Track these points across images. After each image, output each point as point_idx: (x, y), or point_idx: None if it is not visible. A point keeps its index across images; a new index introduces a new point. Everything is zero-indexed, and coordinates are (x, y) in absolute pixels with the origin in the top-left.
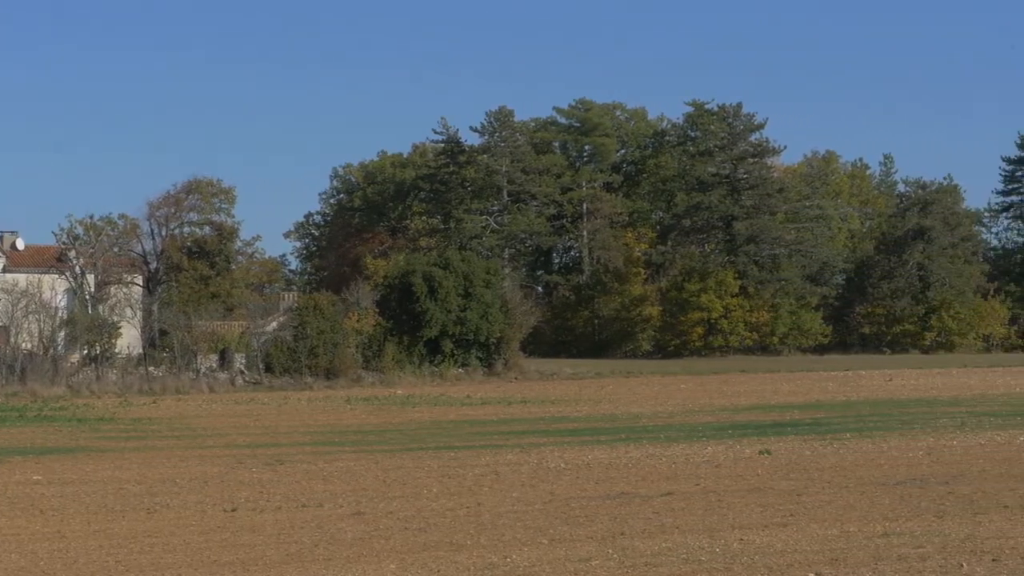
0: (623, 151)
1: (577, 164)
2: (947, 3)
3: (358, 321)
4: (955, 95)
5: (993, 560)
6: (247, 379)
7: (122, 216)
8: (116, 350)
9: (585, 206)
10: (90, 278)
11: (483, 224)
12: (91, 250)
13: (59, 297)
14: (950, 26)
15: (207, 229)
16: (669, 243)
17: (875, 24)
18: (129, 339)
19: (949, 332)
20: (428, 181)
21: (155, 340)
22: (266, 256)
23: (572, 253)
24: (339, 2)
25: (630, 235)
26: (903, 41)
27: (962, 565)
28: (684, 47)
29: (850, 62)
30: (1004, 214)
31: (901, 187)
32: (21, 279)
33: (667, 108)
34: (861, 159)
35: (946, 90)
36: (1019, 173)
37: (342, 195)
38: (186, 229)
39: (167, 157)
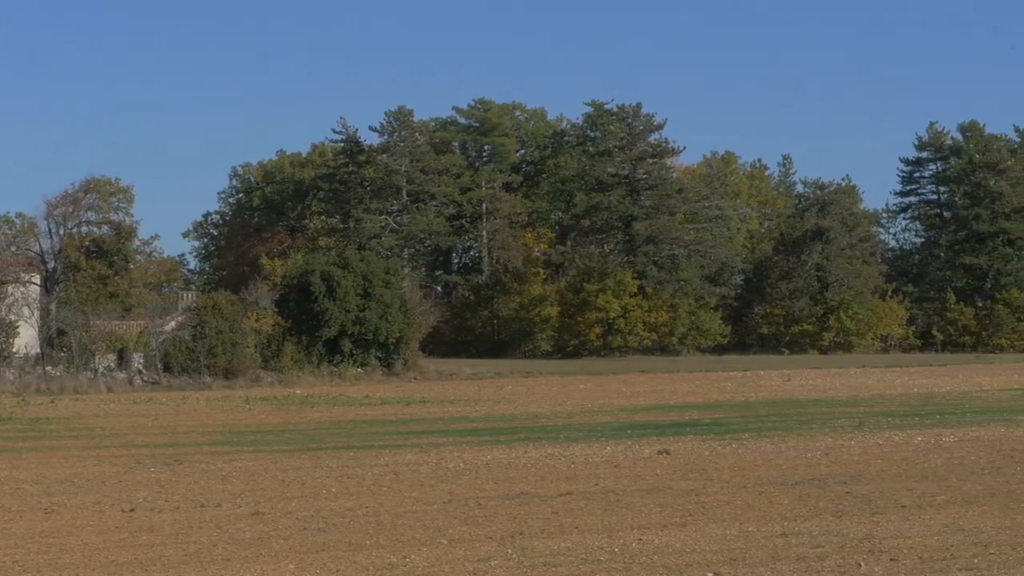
0: (523, 151)
1: (477, 164)
2: (845, 5)
3: (257, 321)
4: (854, 96)
5: (891, 560)
6: (145, 379)
7: (19, 215)
8: (13, 349)
9: (485, 206)
10: None
11: (382, 224)
12: None
13: None
14: (847, 27)
15: (105, 228)
16: (568, 243)
17: (774, 25)
18: (27, 339)
19: (847, 332)
20: (327, 181)
21: (53, 340)
22: (165, 255)
23: (471, 253)
24: (240, 1)
25: (529, 235)
26: (802, 42)
27: (860, 565)
28: (584, 47)
29: (749, 63)
30: (902, 215)
31: (800, 188)
32: None
33: (567, 108)
34: (760, 160)
35: (845, 91)
36: (917, 174)
37: (241, 194)
38: (84, 228)
39: (65, 156)
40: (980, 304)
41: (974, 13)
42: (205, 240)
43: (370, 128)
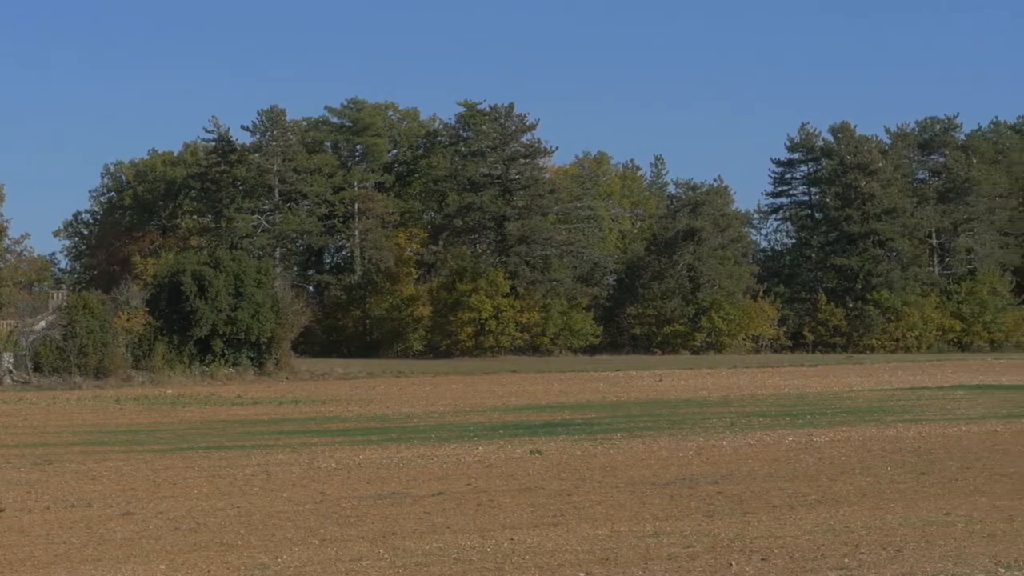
0: (395, 151)
1: (349, 164)
2: (717, 6)
3: (128, 320)
4: (726, 98)
5: (762, 559)
6: (15, 378)
7: None
8: None
9: (357, 206)
10: None
11: (254, 223)
12: None
13: None
14: (720, 28)
15: None
16: (440, 243)
17: (646, 25)
18: None
19: (719, 333)
20: (199, 180)
21: None
22: (35, 254)
23: (344, 253)
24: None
25: (402, 235)
26: (674, 43)
27: (731, 564)
28: (457, 47)
29: (621, 64)
30: (773, 216)
31: (672, 188)
32: None
33: (439, 108)
34: (632, 161)
35: (717, 93)
36: (788, 175)
37: (112, 193)
38: None
39: None
40: (851, 305)
41: (845, 15)
42: (76, 239)
43: (242, 127)
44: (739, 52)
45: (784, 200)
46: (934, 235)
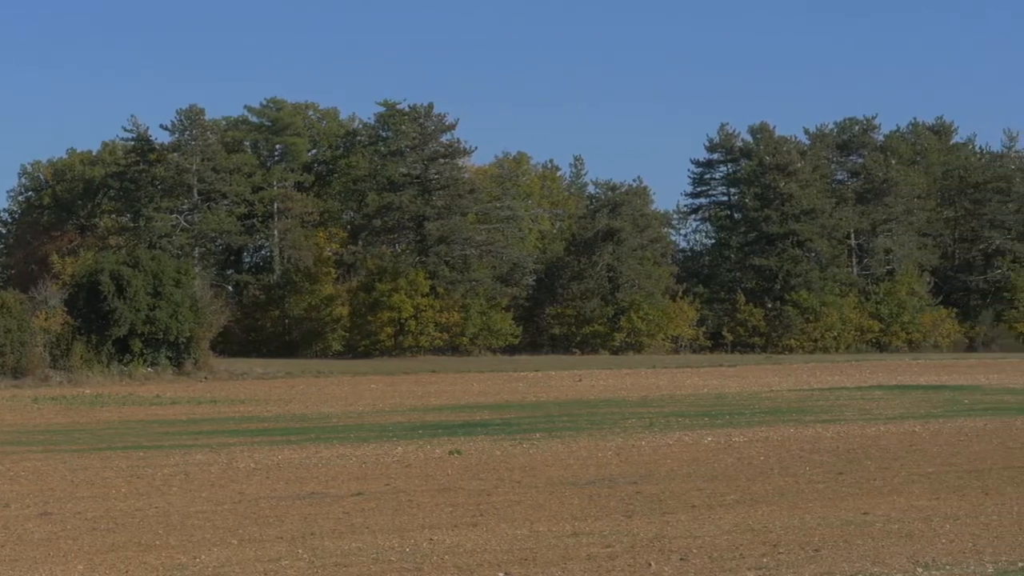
0: (315, 151)
1: (268, 163)
2: (635, 5)
3: (46, 320)
4: (645, 98)
5: (681, 559)
6: None
7: None
8: None
9: (276, 205)
10: None
11: (173, 223)
12: None
13: None
14: (639, 27)
15: None
16: (360, 243)
17: (566, 25)
18: None
19: (638, 333)
20: (118, 179)
21: None
22: None
23: (263, 252)
24: None
25: (321, 235)
26: (594, 43)
27: (650, 564)
28: (376, 47)
29: (540, 64)
30: (692, 216)
31: (591, 189)
32: None
33: (359, 108)
34: (552, 161)
35: (636, 93)
36: (707, 175)
37: (30, 193)
38: None
39: None
40: (769, 305)
41: (763, 15)
42: None
43: (161, 127)
44: (658, 52)
45: (703, 201)
46: (853, 236)
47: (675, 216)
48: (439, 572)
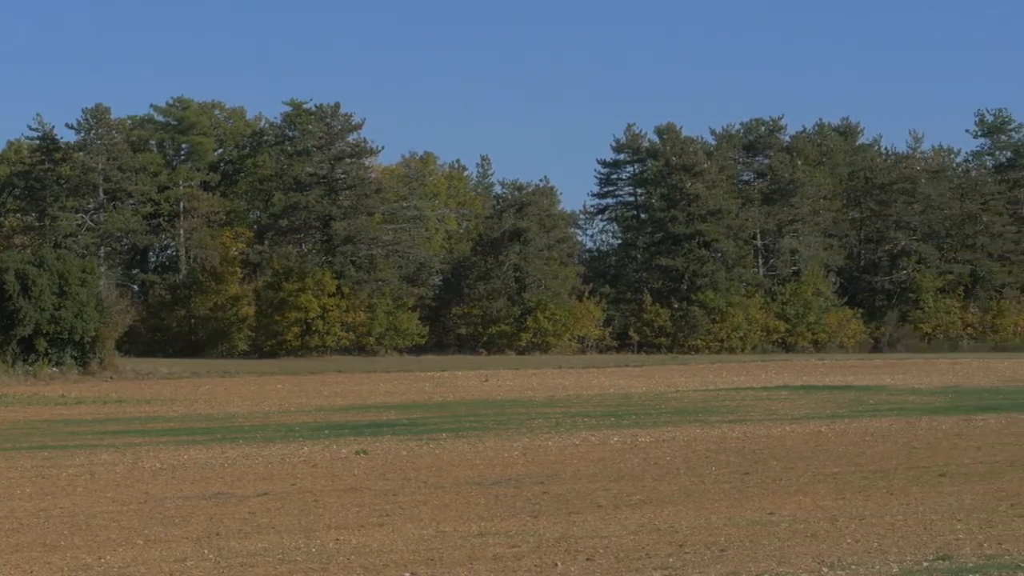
0: (221, 150)
1: (174, 163)
2: (541, 5)
3: None
4: (552, 98)
5: (587, 559)
6: None
7: None
8: None
9: (182, 205)
10: None
11: (79, 222)
12: None
13: None
14: (546, 27)
15: None
16: (266, 243)
17: (473, 25)
18: None
19: (545, 333)
20: (22, 178)
21: None
22: None
23: (169, 252)
24: None
25: (227, 234)
26: (501, 43)
27: (556, 564)
28: (283, 46)
29: (447, 64)
30: (599, 216)
31: (498, 189)
32: None
33: (265, 107)
34: (458, 161)
35: (542, 93)
36: (614, 176)
37: None
38: None
39: None
40: (676, 305)
41: (669, 15)
42: None
43: (67, 125)
44: (566, 52)
45: (610, 201)
46: (759, 236)
47: (582, 216)
48: (345, 572)
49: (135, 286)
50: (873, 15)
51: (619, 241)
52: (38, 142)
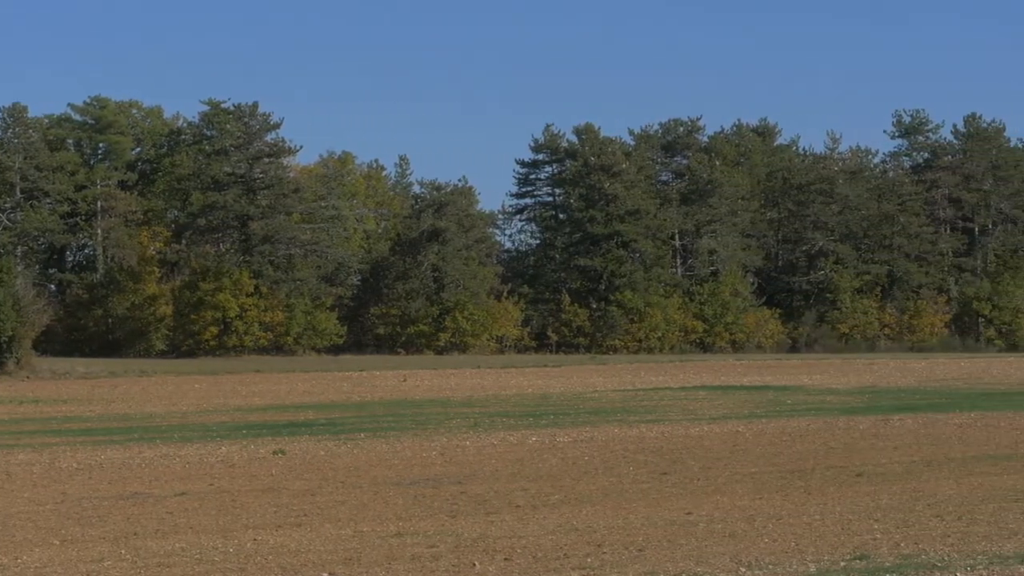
0: (139, 149)
1: (92, 162)
2: (461, 5)
3: None
4: (470, 97)
5: (505, 559)
6: None
7: None
8: None
9: (100, 204)
10: None
11: None
12: None
13: None
14: (465, 27)
15: None
16: (184, 242)
17: (391, 25)
18: None
19: (463, 333)
20: None
21: None
22: None
23: (86, 251)
24: None
25: (145, 234)
26: (418, 42)
27: (475, 564)
28: (201, 46)
29: (365, 63)
30: (517, 216)
31: (416, 188)
32: None
33: (183, 107)
34: (377, 160)
35: (461, 93)
36: (532, 176)
37: None
38: None
39: None
40: (594, 306)
41: (588, 15)
42: None
43: None
44: (484, 51)
45: (529, 201)
46: (677, 236)
47: (500, 216)
48: (263, 572)
49: (52, 285)
50: (790, 16)
51: (538, 241)
52: None
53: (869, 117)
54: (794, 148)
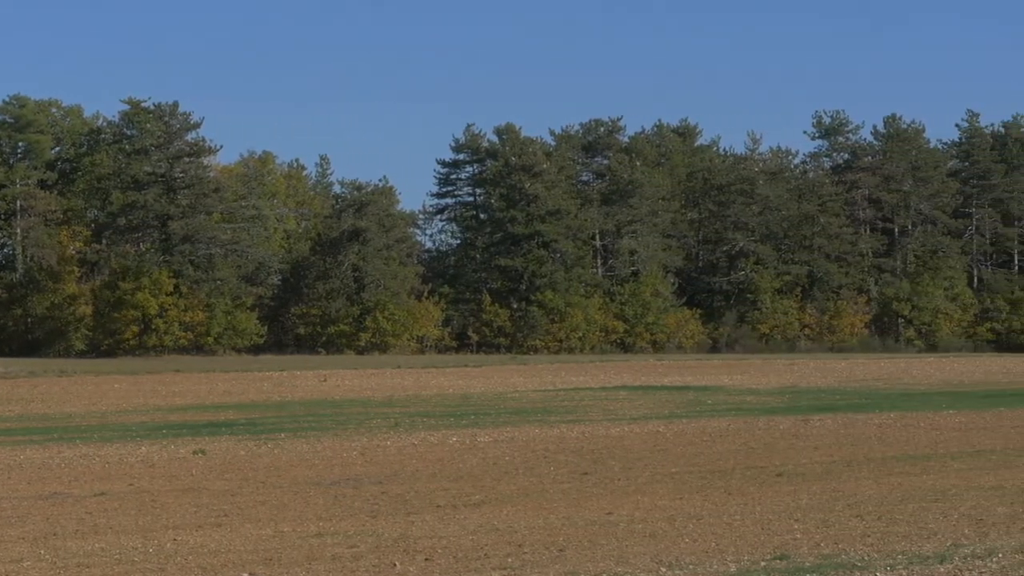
0: (58, 148)
1: (11, 161)
2: (381, 4)
3: None
4: (391, 97)
5: (426, 559)
6: None
7: None
8: None
9: (19, 203)
10: None
11: None
12: None
13: None
14: (385, 27)
15: None
16: (104, 241)
17: (311, 25)
18: None
19: (384, 333)
20: None
21: None
22: None
23: (5, 251)
24: None
25: (65, 233)
26: (339, 42)
27: (395, 564)
28: (121, 45)
29: (286, 63)
30: (438, 216)
31: (337, 188)
32: None
33: (103, 106)
34: (297, 160)
35: (382, 92)
36: (453, 176)
37: None
38: None
39: None
40: (515, 306)
41: (508, 15)
42: None
43: None
44: (405, 51)
45: (449, 201)
46: (598, 237)
47: (421, 216)
48: (183, 572)
49: None
50: (711, 16)
51: (458, 241)
52: None
53: (790, 118)
54: (715, 148)
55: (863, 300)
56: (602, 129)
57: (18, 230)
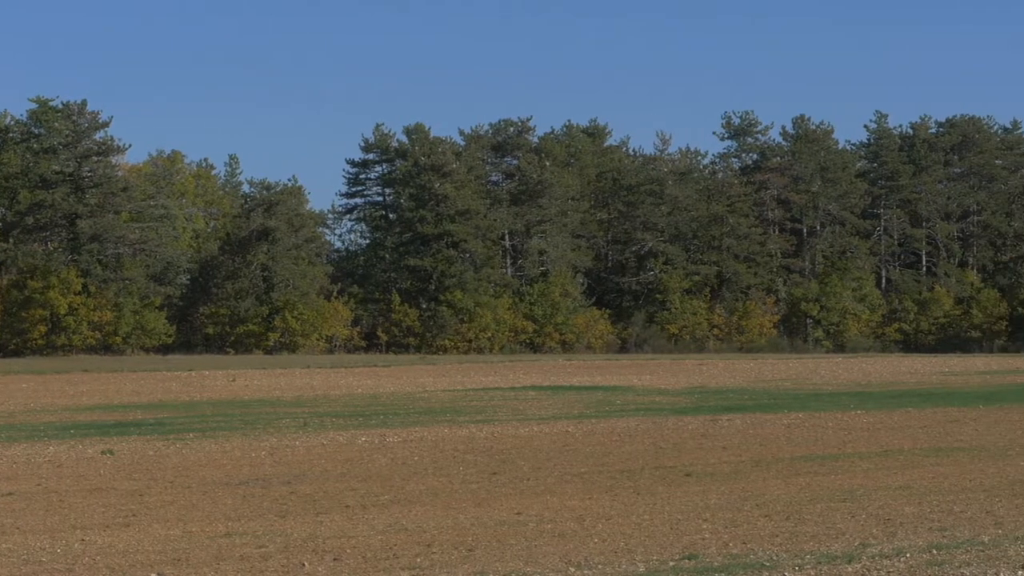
0: None
1: None
2: (290, 6)
3: None
4: (300, 97)
5: (335, 559)
6: None
7: None
8: None
9: None
10: None
11: None
12: None
13: None
14: (293, 27)
15: None
16: (11, 241)
17: (217, 25)
18: None
19: (293, 333)
20: None
21: None
22: None
23: None
24: None
25: None
26: (248, 42)
27: (304, 564)
28: (28, 43)
29: (195, 62)
30: (347, 216)
31: (246, 188)
32: None
33: (11, 104)
34: (206, 159)
35: (291, 92)
36: (363, 176)
37: None
38: None
39: None
40: (424, 306)
41: (419, 17)
42: None
43: None
44: (314, 51)
45: (359, 201)
46: (507, 237)
47: (330, 216)
48: (91, 573)
49: None
50: (620, 17)
51: (368, 241)
52: None
53: (699, 118)
54: (624, 149)
55: (771, 300)
56: (512, 129)
57: None
